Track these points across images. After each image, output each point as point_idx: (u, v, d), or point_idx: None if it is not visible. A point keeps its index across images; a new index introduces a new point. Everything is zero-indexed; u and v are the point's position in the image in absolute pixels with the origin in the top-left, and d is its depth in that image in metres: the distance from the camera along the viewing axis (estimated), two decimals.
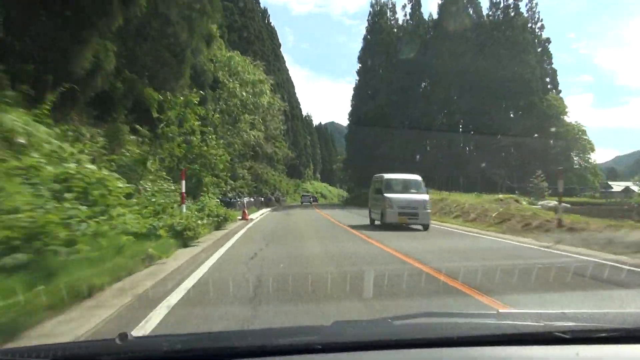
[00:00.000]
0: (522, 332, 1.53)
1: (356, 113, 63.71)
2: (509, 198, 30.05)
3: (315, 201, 69.11)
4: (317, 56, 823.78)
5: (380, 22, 59.04)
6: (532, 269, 6.64)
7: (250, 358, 1.42)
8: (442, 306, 4.74)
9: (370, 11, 61.93)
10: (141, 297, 5.03)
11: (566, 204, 23.75)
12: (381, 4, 61.56)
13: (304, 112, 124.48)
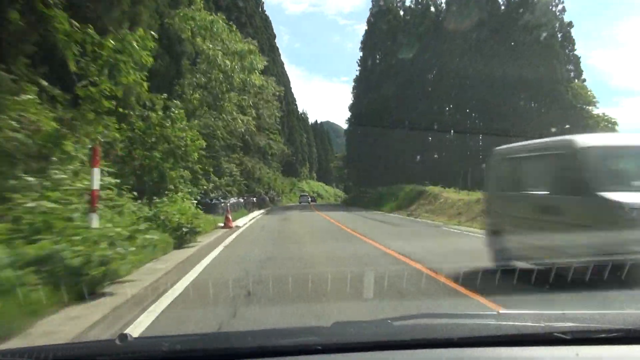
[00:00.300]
0: (522, 333, 1.52)
1: (357, 106, 58.48)
2: None
3: (313, 201, 65.62)
4: (312, 56, 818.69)
5: (387, 3, 53.42)
6: None
7: (250, 359, 1.41)
8: None
9: None
10: None
11: None
12: None
13: (300, 110, 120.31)
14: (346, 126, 62.33)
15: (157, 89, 13.83)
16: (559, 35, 48.10)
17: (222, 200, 20.37)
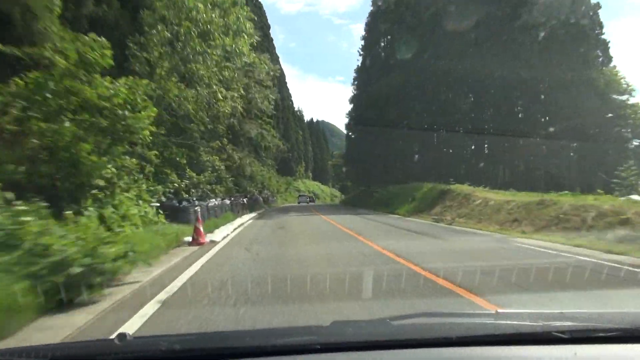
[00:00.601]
0: (521, 332, 1.50)
1: (359, 99, 53.34)
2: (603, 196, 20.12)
3: (312, 201, 64.28)
4: (307, 55, 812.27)
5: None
6: None
7: (249, 358, 1.37)
8: None
9: None
10: None
11: None
12: None
13: (295, 107, 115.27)
14: (346, 121, 57.14)
15: None
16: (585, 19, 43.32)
17: (200, 202, 15.32)
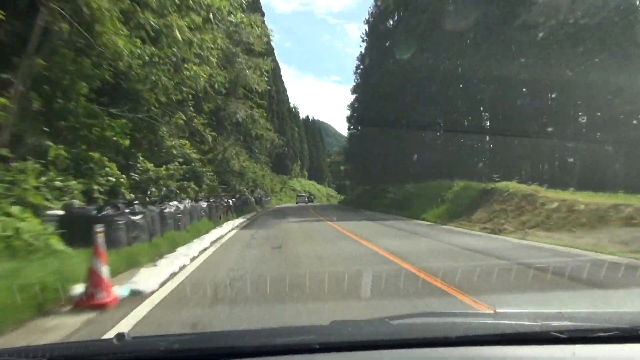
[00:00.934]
0: (519, 332, 1.50)
1: (360, 95, 47.92)
2: None
3: (310, 201, 62.46)
4: (302, 54, 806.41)
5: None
6: None
7: (248, 358, 1.36)
8: None
9: None
10: None
11: None
12: None
13: (291, 104, 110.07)
14: (347, 113, 51.60)
15: None
16: None
17: (150, 207, 9.72)
